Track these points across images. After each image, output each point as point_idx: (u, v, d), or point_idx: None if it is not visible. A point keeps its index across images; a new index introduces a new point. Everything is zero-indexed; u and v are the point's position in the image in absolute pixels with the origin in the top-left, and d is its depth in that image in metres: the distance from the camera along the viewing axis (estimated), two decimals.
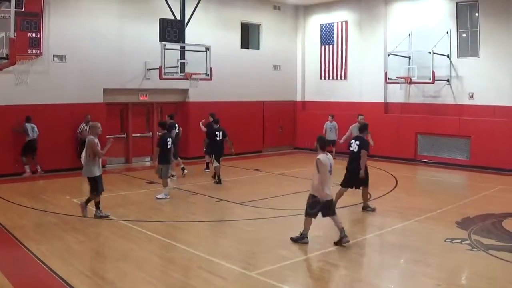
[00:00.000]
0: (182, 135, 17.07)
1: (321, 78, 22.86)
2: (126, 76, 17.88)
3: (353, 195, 12.82)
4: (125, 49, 17.71)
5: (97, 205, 10.52)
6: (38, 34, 15.28)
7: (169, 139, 12.81)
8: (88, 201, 10.52)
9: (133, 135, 18.80)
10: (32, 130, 15.61)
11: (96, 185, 10.33)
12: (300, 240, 8.69)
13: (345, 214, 11.12)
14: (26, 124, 15.47)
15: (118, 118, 18.44)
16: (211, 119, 15.66)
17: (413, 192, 14.24)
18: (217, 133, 14.76)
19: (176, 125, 15.53)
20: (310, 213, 8.60)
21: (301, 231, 8.75)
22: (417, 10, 19.37)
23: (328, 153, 8.73)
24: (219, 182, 14.52)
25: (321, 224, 10.68)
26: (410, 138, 19.20)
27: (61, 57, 16.38)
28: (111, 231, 9.67)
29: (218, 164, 14.54)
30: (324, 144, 8.79)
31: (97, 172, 10.33)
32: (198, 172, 16.48)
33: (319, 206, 8.48)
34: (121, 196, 13.36)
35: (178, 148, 15.26)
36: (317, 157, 8.51)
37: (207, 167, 16.35)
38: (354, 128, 15.62)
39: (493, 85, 17.22)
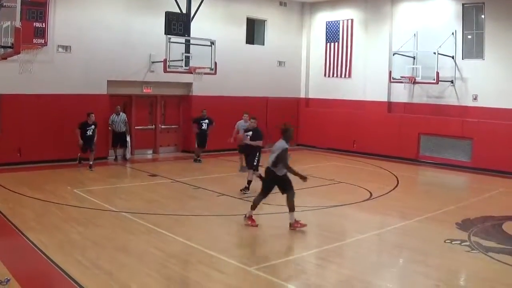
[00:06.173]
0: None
1: (325, 75, 22.81)
2: (130, 68, 17.87)
3: (351, 193, 12.85)
4: (130, 41, 17.70)
5: None
6: (44, 24, 15.21)
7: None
8: None
9: (136, 127, 18.79)
10: None
11: None
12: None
13: (344, 212, 11.16)
14: None
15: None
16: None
17: (414, 192, 14.25)
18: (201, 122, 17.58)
19: None
20: None
21: None
22: (423, 11, 19.30)
23: None
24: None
25: (318, 221, 10.70)
26: (412, 138, 19.17)
27: (66, 48, 16.37)
28: (112, 222, 9.69)
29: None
30: None
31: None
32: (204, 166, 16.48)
33: None
34: (123, 188, 13.40)
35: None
36: None
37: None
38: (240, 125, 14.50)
39: (497, 87, 17.18)
